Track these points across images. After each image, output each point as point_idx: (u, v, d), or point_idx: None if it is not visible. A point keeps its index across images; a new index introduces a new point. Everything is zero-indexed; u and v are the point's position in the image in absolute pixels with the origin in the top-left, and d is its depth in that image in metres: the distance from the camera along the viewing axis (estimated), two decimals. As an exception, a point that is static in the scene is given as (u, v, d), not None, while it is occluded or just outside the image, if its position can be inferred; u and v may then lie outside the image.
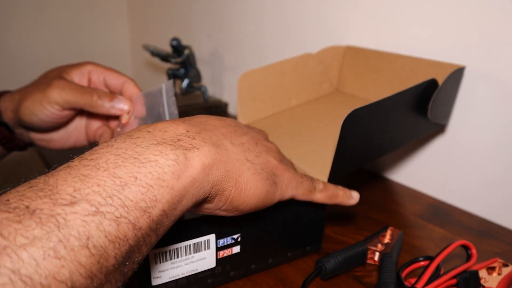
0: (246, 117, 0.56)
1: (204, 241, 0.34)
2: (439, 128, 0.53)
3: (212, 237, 0.34)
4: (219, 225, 0.34)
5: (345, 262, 0.39)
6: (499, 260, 0.38)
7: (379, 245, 0.41)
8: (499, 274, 0.37)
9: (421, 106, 0.45)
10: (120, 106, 0.42)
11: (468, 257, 0.37)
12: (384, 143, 0.46)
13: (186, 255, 0.33)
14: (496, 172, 0.49)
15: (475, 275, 0.36)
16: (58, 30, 1.19)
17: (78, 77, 0.45)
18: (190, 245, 0.33)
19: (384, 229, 0.43)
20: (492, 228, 0.49)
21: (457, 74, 0.47)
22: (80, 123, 0.50)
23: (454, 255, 0.42)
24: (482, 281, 0.36)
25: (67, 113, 0.44)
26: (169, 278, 0.34)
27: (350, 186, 0.59)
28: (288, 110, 0.60)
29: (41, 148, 0.55)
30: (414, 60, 0.54)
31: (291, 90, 0.60)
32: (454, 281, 0.35)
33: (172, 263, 0.33)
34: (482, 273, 0.37)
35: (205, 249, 0.34)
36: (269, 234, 0.38)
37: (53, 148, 0.49)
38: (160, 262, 0.32)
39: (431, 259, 0.37)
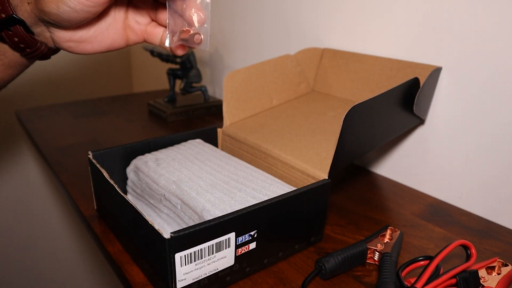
0: (231, 117, 0.56)
1: (225, 239, 0.34)
2: (419, 122, 0.56)
3: (232, 235, 0.35)
4: (239, 223, 0.35)
5: (345, 261, 0.39)
6: (499, 259, 0.39)
7: (379, 245, 0.41)
8: (498, 273, 0.37)
9: (406, 102, 0.49)
10: None
11: (468, 257, 0.37)
12: (377, 136, 0.49)
13: (209, 255, 0.34)
14: (495, 172, 0.49)
15: (474, 275, 0.36)
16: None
17: None
18: (213, 244, 0.34)
19: (384, 229, 0.43)
20: (491, 228, 0.49)
21: (436, 73, 0.52)
22: (117, 17, 0.40)
23: (454, 255, 0.42)
24: (481, 281, 0.37)
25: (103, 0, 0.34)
26: (193, 279, 0.34)
27: (350, 185, 0.59)
28: (270, 109, 0.61)
29: (96, 155, 0.46)
30: (392, 62, 0.57)
31: (272, 90, 0.62)
32: (453, 280, 0.36)
33: (196, 264, 0.33)
34: (482, 273, 0.37)
35: (225, 248, 0.35)
36: (280, 228, 0.39)
37: (84, 51, 0.40)
38: (185, 264, 0.33)
39: (430, 258, 0.37)
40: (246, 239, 0.36)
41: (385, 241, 0.42)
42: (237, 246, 0.36)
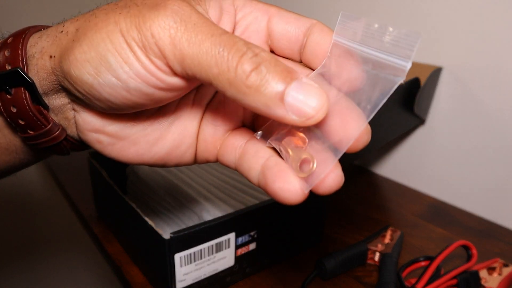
0: None
1: (225, 240, 0.34)
2: (420, 122, 0.56)
3: (232, 235, 0.34)
4: (239, 223, 0.35)
5: (345, 262, 0.39)
6: (500, 260, 0.38)
7: (380, 245, 0.41)
8: (499, 274, 0.37)
9: (406, 102, 0.49)
10: (305, 104, 0.16)
11: (469, 257, 0.37)
12: (377, 136, 0.49)
13: (208, 255, 0.34)
14: (496, 172, 0.49)
15: (475, 276, 0.36)
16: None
17: (215, 12, 0.20)
18: (212, 245, 0.34)
19: (385, 229, 0.43)
20: (492, 228, 0.49)
21: (436, 73, 0.52)
22: (192, 111, 0.23)
23: (455, 255, 0.41)
24: (482, 282, 0.36)
25: (179, 83, 0.19)
26: (193, 280, 0.34)
27: (351, 185, 0.59)
28: None
29: (95, 154, 0.36)
30: None
31: None
32: (454, 281, 0.35)
33: (196, 265, 0.33)
34: (483, 273, 0.37)
35: (225, 248, 0.35)
36: (280, 228, 0.39)
37: (120, 156, 0.23)
38: (185, 265, 0.33)
39: (431, 259, 0.37)
40: (246, 240, 0.36)
41: (386, 242, 0.41)
42: (237, 247, 0.35)
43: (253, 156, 0.21)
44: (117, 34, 0.18)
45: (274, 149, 0.20)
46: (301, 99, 0.16)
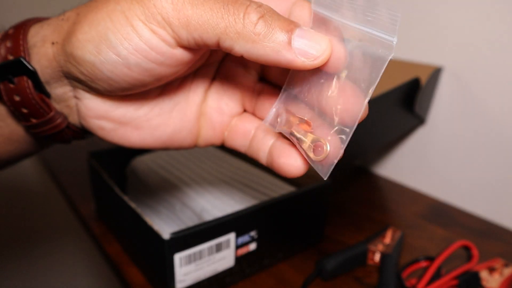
0: None
1: (225, 240, 0.34)
2: (420, 122, 0.56)
3: (232, 235, 0.34)
4: (239, 223, 0.34)
5: (345, 262, 0.39)
6: (501, 260, 0.38)
7: (380, 246, 0.41)
8: (500, 274, 0.37)
9: (407, 102, 0.49)
10: (311, 47, 0.18)
11: (469, 258, 0.37)
12: (377, 136, 0.49)
13: (208, 256, 0.34)
14: (497, 172, 0.49)
15: (476, 276, 0.36)
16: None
17: None
18: (212, 245, 0.33)
19: (385, 230, 0.43)
20: (493, 228, 0.49)
21: (436, 73, 0.52)
22: (192, 95, 0.25)
23: (455, 256, 0.41)
24: (483, 282, 0.36)
25: (180, 55, 0.20)
26: (192, 280, 0.34)
27: (351, 185, 0.59)
28: None
29: (95, 154, 0.38)
30: (392, 62, 0.57)
31: None
32: (455, 282, 0.35)
33: (195, 265, 0.33)
34: (484, 274, 0.37)
35: (225, 249, 0.35)
36: (281, 229, 0.39)
37: (123, 140, 0.24)
38: (185, 265, 0.32)
39: (432, 259, 0.37)
40: (246, 240, 0.36)
41: (386, 242, 0.41)
42: (237, 247, 0.35)
43: (262, 139, 0.23)
44: (117, 12, 0.18)
45: (281, 133, 0.21)
46: (307, 43, 0.17)
